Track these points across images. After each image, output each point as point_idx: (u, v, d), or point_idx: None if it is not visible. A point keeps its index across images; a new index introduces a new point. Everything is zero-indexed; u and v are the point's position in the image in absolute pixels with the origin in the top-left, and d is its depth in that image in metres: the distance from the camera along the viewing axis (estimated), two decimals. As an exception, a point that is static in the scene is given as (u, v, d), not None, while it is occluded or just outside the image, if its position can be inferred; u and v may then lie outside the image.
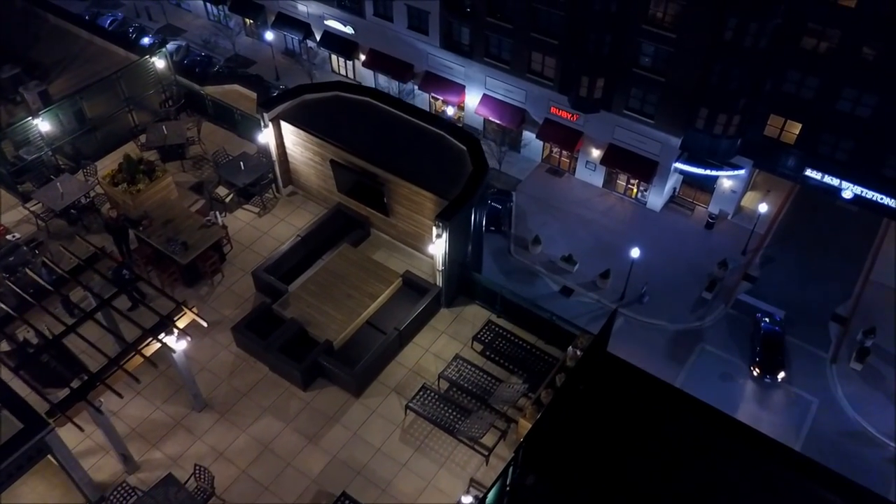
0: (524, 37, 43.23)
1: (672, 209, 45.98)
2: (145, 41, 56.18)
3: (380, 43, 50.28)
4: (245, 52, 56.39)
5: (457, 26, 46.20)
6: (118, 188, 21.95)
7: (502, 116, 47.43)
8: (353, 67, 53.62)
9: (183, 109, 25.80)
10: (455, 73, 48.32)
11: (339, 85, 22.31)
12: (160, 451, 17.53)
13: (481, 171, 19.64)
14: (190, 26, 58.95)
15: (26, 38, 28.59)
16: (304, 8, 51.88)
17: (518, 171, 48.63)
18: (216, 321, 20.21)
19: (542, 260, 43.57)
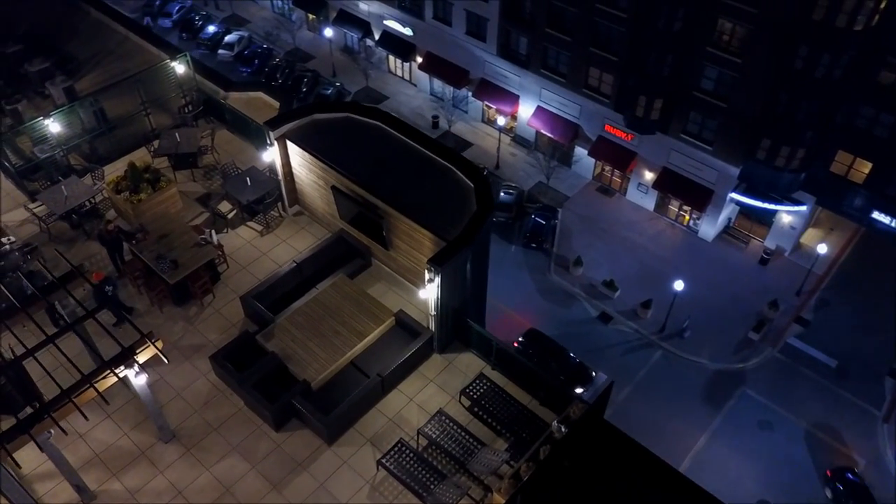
0: (583, 51, 41.56)
1: (725, 240, 43.56)
2: (210, 30, 56.70)
3: (437, 46, 49.41)
4: (305, 46, 56.25)
5: (515, 35, 44.89)
6: (120, 196, 21.47)
7: (555, 130, 45.84)
8: (410, 69, 52.87)
9: (201, 116, 25.20)
10: (510, 83, 47.01)
11: (352, 107, 21.24)
12: (120, 481, 16.93)
13: (484, 214, 18.25)
14: (254, 17, 59.16)
15: (65, 30, 28.55)
16: (365, 6, 51.30)
17: (567, 187, 46.96)
18: (199, 345, 19.54)
19: (582, 283, 41.96)
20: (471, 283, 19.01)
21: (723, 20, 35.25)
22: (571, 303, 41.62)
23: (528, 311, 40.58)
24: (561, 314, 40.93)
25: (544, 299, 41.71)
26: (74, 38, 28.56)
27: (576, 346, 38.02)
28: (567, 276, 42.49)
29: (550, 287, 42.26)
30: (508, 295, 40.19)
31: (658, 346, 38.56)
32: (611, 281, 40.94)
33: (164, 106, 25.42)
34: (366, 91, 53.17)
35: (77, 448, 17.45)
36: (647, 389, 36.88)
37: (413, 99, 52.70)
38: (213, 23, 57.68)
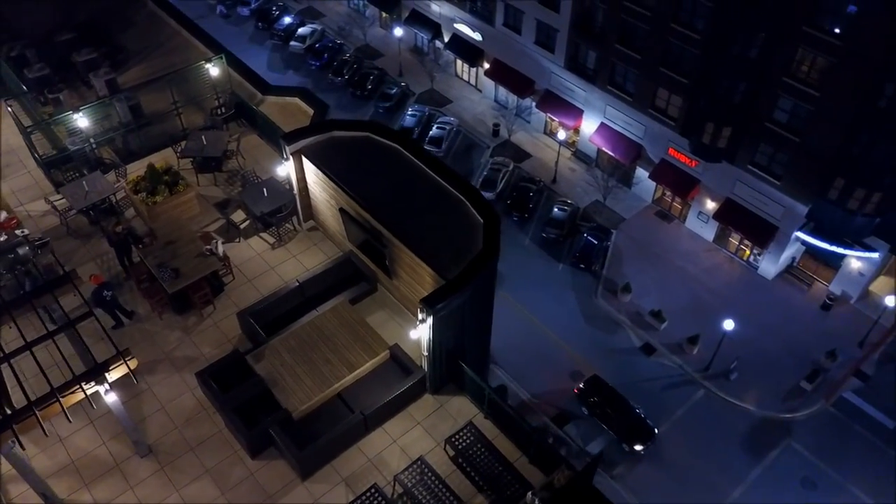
0: (652, 70, 39.69)
1: (786, 280, 40.95)
2: (286, 21, 57.17)
3: (505, 54, 48.40)
4: (375, 43, 56.05)
5: (584, 49, 43.36)
6: (138, 196, 21.41)
7: (617, 148, 44.10)
8: (476, 74, 52.00)
9: (233, 119, 24.98)
10: (575, 96, 45.50)
11: (372, 126, 20.47)
12: (89, 493, 16.80)
13: (488, 256, 17.20)
14: (329, 11, 59.36)
15: (120, 21, 28.86)
16: (437, 8, 50.66)
17: (624, 208, 45.12)
18: (192, 358, 19.27)
19: (628, 310, 40.23)
20: (469, 327, 17.98)
21: (803, 50, 32.84)
22: (615, 330, 40.00)
23: (569, 336, 39.27)
24: (603, 341, 39.43)
25: (587, 323, 40.25)
26: (128, 30, 28.89)
27: (614, 376, 36.58)
28: (613, 302, 40.85)
29: (595, 311, 40.75)
30: (551, 316, 39.18)
31: (701, 385, 36.60)
32: (658, 311, 39.10)
33: (199, 106, 25.26)
34: (430, 93, 52.53)
35: (55, 452, 17.44)
36: (685, 429, 35.08)
37: (476, 105, 51.74)
38: (290, 14, 58.13)
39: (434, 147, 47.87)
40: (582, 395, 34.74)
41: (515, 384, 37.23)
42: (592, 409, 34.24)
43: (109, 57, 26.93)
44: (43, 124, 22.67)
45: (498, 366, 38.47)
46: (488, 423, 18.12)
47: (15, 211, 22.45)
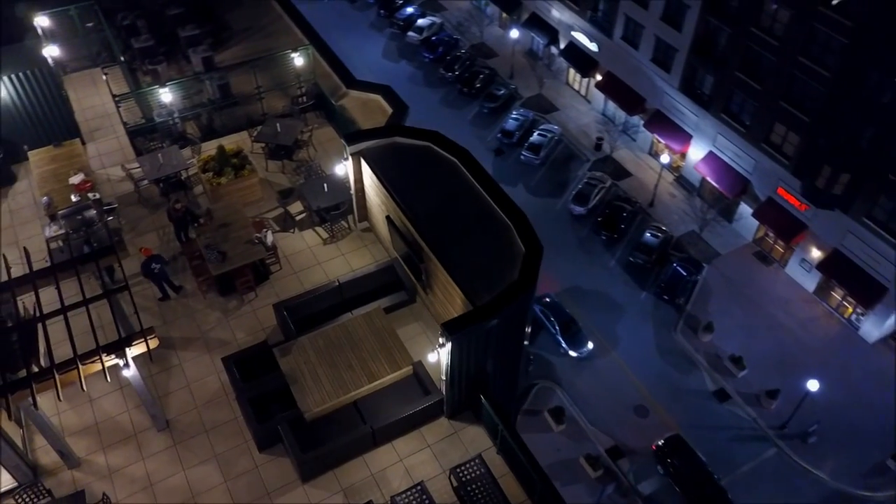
0: (771, 103, 37.30)
1: (889, 346, 37.61)
2: (407, 11, 57.69)
3: (619, 68, 46.93)
4: (491, 43, 55.65)
5: (701, 72, 41.32)
6: (205, 175, 22.04)
7: (722, 180, 41.86)
8: (587, 85, 50.72)
9: (312, 110, 25.27)
10: (686, 120, 43.50)
11: (435, 136, 20.09)
12: (104, 456, 17.47)
13: (522, 288, 16.50)
14: (451, 5, 59.41)
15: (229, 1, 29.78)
16: (557, 14, 49.69)
17: (721, 243, 42.80)
18: (225, 341, 19.66)
19: (707, 350, 38.33)
20: (494, 357, 17.35)
21: (943, 102, 29.81)
22: (689, 370, 38.19)
23: (639, 368, 37.83)
24: (674, 379, 37.75)
25: (661, 358, 38.65)
26: (235, 9, 29.69)
27: (682, 418, 35.09)
28: (693, 340, 38.99)
29: (672, 347, 39.03)
30: (624, 344, 38.10)
31: (774, 443, 34.48)
32: (739, 357, 37.02)
33: (283, 93, 25.71)
34: (537, 98, 51.66)
35: (84, 411, 18.24)
36: (748, 487, 33.14)
37: (583, 115, 50.42)
38: (412, 5, 58.54)
39: (532, 154, 47.08)
40: (660, 454, 33.03)
41: (575, 408, 36.24)
42: (669, 470, 32.52)
43: (213, 35, 27.80)
44: (130, 94, 23.65)
45: (560, 386, 37.55)
46: (499, 460, 17.49)
47: (96, 174, 23.66)
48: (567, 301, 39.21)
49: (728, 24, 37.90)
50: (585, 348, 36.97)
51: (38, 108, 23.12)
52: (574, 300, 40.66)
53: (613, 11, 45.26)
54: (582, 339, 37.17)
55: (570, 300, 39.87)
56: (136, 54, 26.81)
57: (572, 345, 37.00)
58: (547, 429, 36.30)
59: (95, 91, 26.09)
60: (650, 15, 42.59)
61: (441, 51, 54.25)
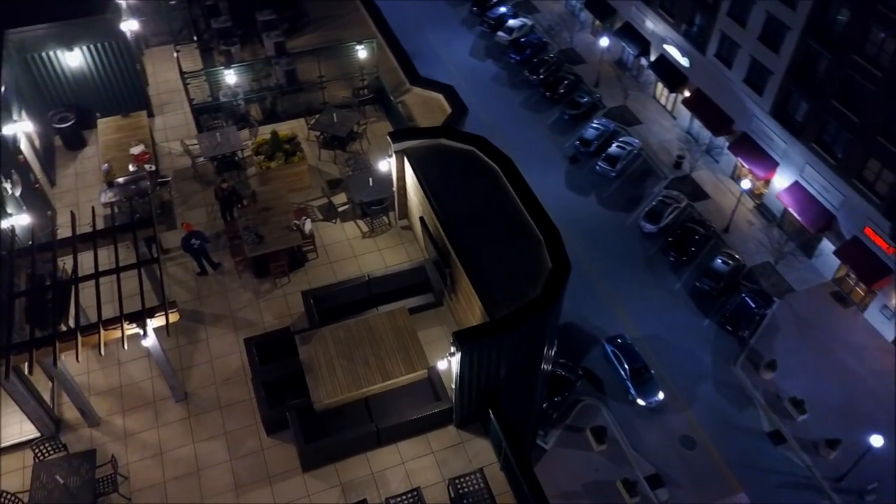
0: (868, 137, 35.19)
1: (968, 413, 34.86)
2: (500, 10, 57.40)
3: (709, 85, 45.29)
4: (580, 49, 54.71)
5: (795, 98, 39.36)
6: (257, 158, 22.54)
7: (805, 212, 39.79)
8: (674, 101, 49.14)
9: (371, 103, 25.43)
10: (773, 146, 41.57)
11: (480, 142, 19.83)
12: (123, 419, 18.14)
13: (541, 305, 16.09)
14: (545, 8, 58.75)
15: (307, -13, 30.30)
16: (651, 25, 48.35)
17: (796, 279, 40.72)
18: (252, 322, 20.08)
19: (767, 389, 36.71)
20: (508, 373, 17.01)
21: None
22: (745, 406, 36.65)
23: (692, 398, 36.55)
24: (728, 413, 36.30)
25: (716, 390, 37.21)
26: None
27: (731, 455, 33.86)
28: (753, 376, 37.36)
29: (729, 380, 37.53)
30: (679, 371, 36.87)
31: (828, 496, 32.58)
32: (801, 400, 35.22)
33: (347, 84, 25.98)
34: (620, 109, 50.46)
35: (111, 373, 19.00)
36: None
37: (666, 131, 48.91)
38: (506, 4, 58.20)
39: (608, 165, 46.08)
40: None
41: (619, 430, 35.32)
42: None
43: (289, 21, 28.36)
44: (198, 73, 24.43)
45: (606, 406, 36.67)
46: (501, 477, 17.14)
47: (159, 146, 24.59)
48: (643, 345, 37.51)
49: (829, 50, 35.87)
50: (655, 398, 35.25)
51: (111, 78, 24.20)
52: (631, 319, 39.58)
53: (709, 27, 43.65)
54: (653, 389, 35.47)
55: (647, 345, 38.38)
56: (214, 34, 27.63)
57: (642, 393, 35.35)
58: (587, 447, 35.55)
59: (172, 66, 27.08)
60: (747, 34, 40.85)
61: (528, 53, 53.71)
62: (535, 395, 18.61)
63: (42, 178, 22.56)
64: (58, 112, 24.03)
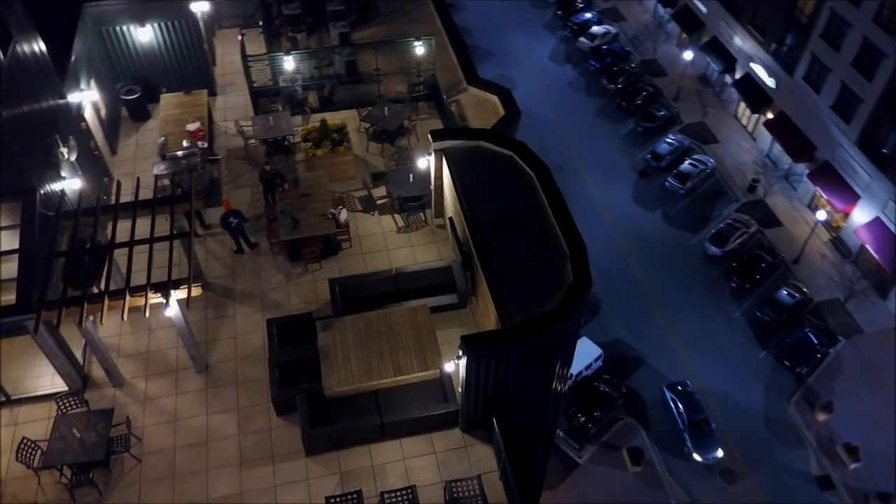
0: (960, 177, 33.09)
1: None
2: (585, 16, 56.70)
3: (794, 109, 43.52)
4: (663, 61, 53.43)
5: (886, 129, 37.38)
6: (304, 144, 23.01)
7: (884, 251, 37.78)
8: (756, 122, 47.42)
9: (425, 100, 25.54)
10: (856, 178, 39.61)
11: (520, 147, 19.64)
12: (145, 383, 18.89)
13: (554, 318, 15.83)
14: (630, 17, 57.61)
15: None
16: (739, 42, 46.77)
17: (865, 319, 38.76)
18: (279, 304, 20.55)
19: (820, 431, 35.25)
20: (516, 385, 16.80)
21: None
22: (794, 446, 35.28)
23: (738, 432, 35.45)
24: (775, 451, 34.93)
25: (765, 426, 36.00)
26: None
27: (774, 495, 32.80)
28: (807, 416, 35.94)
29: (780, 418, 36.19)
30: (728, 402, 35.88)
31: (870, 556, 30.89)
32: (856, 447, 33.61)
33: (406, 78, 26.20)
34: (698, 126, 49.04)
35: (140, 338, 19.80)
36: None
37: (743, 153, 47.24)
38: (591, 11, 57.40)
39: (678, 182, 44.93)
40: None
41: (657, 455, 34.48)
42: None
43: (358, 12, 28.76)
44: (258, 57, 25.11)
45: (648, 428, 35.88)
46: (499, 486, 16.95)
47: (217, 125, 25.41)
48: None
49: (928, 81, 33.87)
50: (713, 455, 33.55)
51: (178, 55, 25.17)
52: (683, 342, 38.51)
53: (800, 48, 41.87)
54: (712, 444, 33.69)
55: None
56: (284, 20, 28.32)
57: (699, 448, 33.63)
58: (622, 466, 34.88)
59: (239, 49, 27.88)
60: (840, 58, 38.98)
61: (609, 61, 52.81)
62: (547, 413, 18.27)
63: (104, 146, 23.67)
64: (126, 84, 25.16)
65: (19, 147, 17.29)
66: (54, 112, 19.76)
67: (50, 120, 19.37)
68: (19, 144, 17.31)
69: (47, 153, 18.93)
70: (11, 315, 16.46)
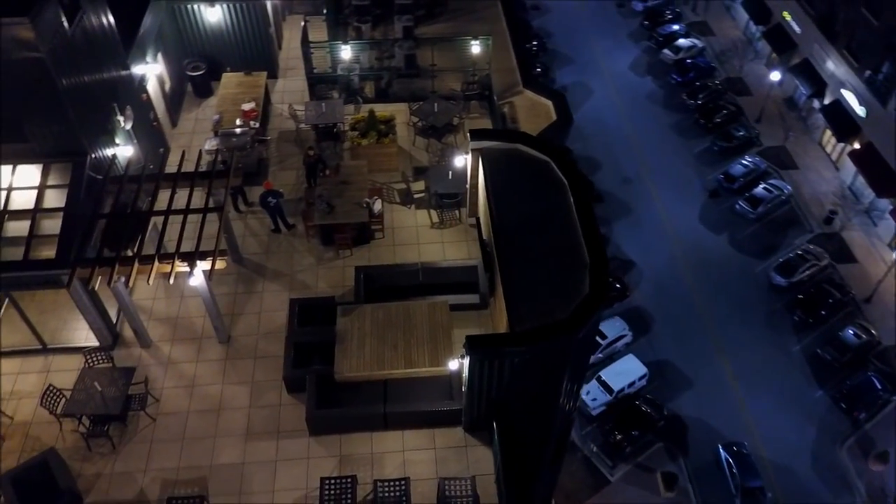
0: None
1: None
2: (672, 28, 55.47)
3: (883, 141, 41.27)
4: (749, 80, 51.62)
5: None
6: (351, 133, 23.45)
7: (962, 301, 35.39)
8: (841, 151, 45.27)
9: (478, 99, 25.57)
10: (942, 221, 37.23)
11: (556, 153, 19.42)
12: (170, 347, 19.70)
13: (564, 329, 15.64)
14: (720, 33, 55.91)
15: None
16: (831, 66, 44.69)
17: (935, 371, 36.43)
18: (307, 285, 21.04)
19: (871, 481, 33.67)
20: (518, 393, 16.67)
21: None
22: (841, 492, 33.88)
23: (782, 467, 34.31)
24: (820, 496, 33.56)
25: (811, 466, 34.74)
26: (452, -13, 30.64)
27: None
28: (859, 463, 34.21)
29: (830, 461, 34.76)
30: (776, 438, 34.88)
31: None
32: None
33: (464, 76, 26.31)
34: (778, 150, 47.19)
35: (172, 304, 20.64)
36: None
37: (823, 183, 45.18)
38: (680, 23, 55.99)
39: (749, 206, 43.46)
40: None
41: (693, 483, 33.62)
42: None
43: (425, 7, 29.01)
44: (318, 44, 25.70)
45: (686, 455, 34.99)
46: (493, 490, 16.85)
47: (274, 107, 26.16)
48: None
49: None
50: None
51: (243, 37, 26.02)
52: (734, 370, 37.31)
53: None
54: None
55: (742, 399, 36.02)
56: (352, 10, 28.88)
57: None
58: (654, 490, 34.15)
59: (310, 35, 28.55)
60: (938, 92, 36.69)
61: (691, 75, 51.42)
62: (553, 428, 17.97)
63: (165, 118, 24.74)
64: (192, 61, 26.21)
65: (75, 112, 18.25)
66: (115, 82, 20.76)
67: (110, 89, 20.36)
68: (76, 109, 18.27)
69: (103, 120, 19.94)
70: (49, 269, 17.42)
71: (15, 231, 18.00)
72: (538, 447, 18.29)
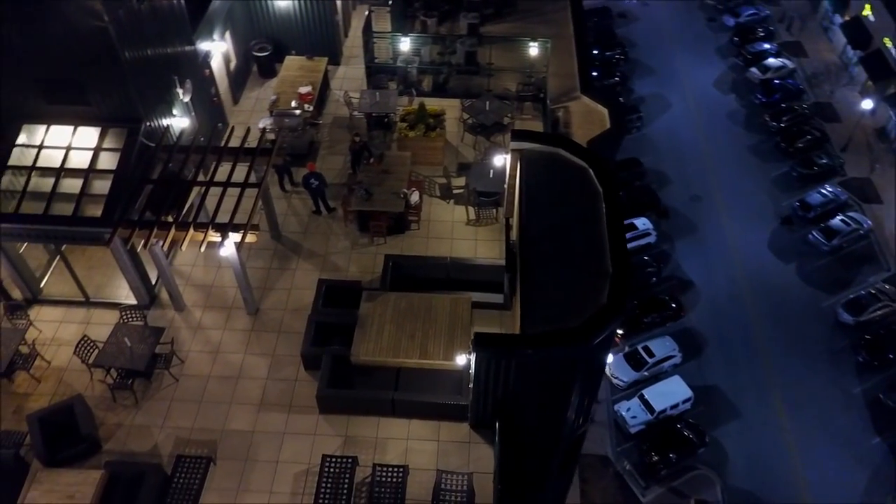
0: None
1: None
2: (763, 46, 53.69)
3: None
4: (839, 106, 49.37)
5: None
6: (400, 124, 23.78)
7: None
8: (925, 186, 42.71)
9: (531, 101, 25.46)
10: None
11: (595, 161, 19.14)
12: (202, 312, 20.52)
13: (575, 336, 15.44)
14: (815, 54, 53.62)
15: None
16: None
17: None
18: (339, 268, 21.53)
19: None
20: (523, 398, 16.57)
21: None
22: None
23: None
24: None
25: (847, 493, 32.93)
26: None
27: None
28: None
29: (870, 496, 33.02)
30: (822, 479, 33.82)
31: None
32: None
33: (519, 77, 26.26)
34: (862, 182, 45.03)
35: (208, 272, 21.49)
36: None
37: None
38: (771, 42, 54.00)
39: (823, 237, 41.70)
40: None
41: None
42: None
43: (495, 6, 29.04)
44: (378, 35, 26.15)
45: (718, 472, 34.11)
46: (490, 489, 16.81)
47: (332, 92, 26.78)
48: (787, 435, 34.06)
49: None
50: None
51: (309, 23, 26.72)
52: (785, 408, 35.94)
53: None
54: None
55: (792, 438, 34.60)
56: (421, 4, 29.20)
57: None
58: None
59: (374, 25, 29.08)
60: None
61: (777, 97, 49.55)
62: (560, 441, 17.72)
63: (227, 94, 25.68)
64: (259, 42, 27.11)
65: (135, 81, 19.25)
66: (178, 56, 21.71)
67: (172, 62, 21.32)
68: (136, 79, 19.26)
69: (162, 91, 20.91)
70: (93, 226, 18.43)
71: (69, 188, 19.12)
72: (542, 456, 18.12)
